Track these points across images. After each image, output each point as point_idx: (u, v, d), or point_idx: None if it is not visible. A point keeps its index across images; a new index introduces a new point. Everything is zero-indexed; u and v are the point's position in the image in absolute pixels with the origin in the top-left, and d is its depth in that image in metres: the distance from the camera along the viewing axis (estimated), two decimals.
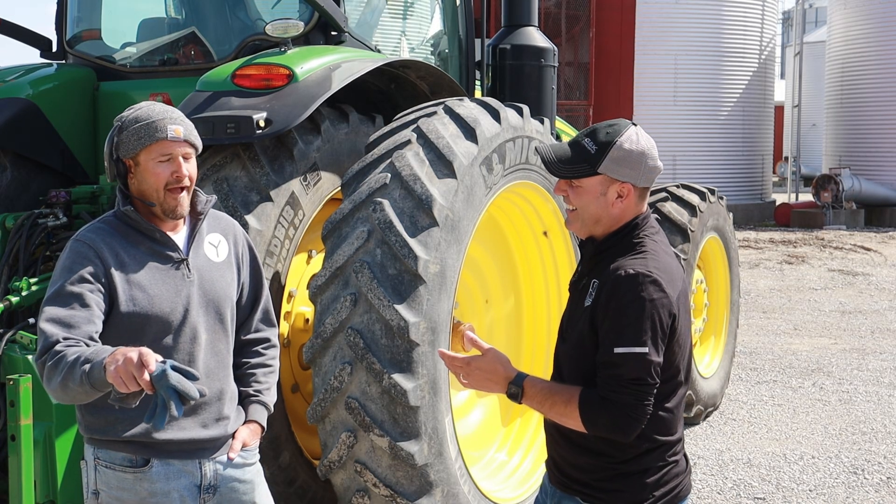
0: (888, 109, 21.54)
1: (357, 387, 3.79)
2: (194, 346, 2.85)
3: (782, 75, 36.76)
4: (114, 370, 2.36)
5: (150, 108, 2.87)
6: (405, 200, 3.87)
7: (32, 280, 4.24)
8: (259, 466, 3.07)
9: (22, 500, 3.57)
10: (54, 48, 5.35)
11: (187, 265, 2.88)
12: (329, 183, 4.29)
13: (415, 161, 3.94)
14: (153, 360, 2.34)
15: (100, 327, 2.70)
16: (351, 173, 4.04)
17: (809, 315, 11.22)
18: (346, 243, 3.85)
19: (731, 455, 6.27)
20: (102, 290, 2.74)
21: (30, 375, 3.65)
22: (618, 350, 2.57)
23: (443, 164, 4.00)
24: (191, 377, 2.36)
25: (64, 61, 5.33)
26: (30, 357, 3.75)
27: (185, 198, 2.87)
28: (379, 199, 3.86)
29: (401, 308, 3.75)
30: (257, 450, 3.07)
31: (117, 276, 2.77)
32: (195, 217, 2.95)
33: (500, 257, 5.09)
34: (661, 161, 2.79)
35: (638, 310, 2.58)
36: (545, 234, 5.01)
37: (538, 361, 5.15)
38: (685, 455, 2.83)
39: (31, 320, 4.14)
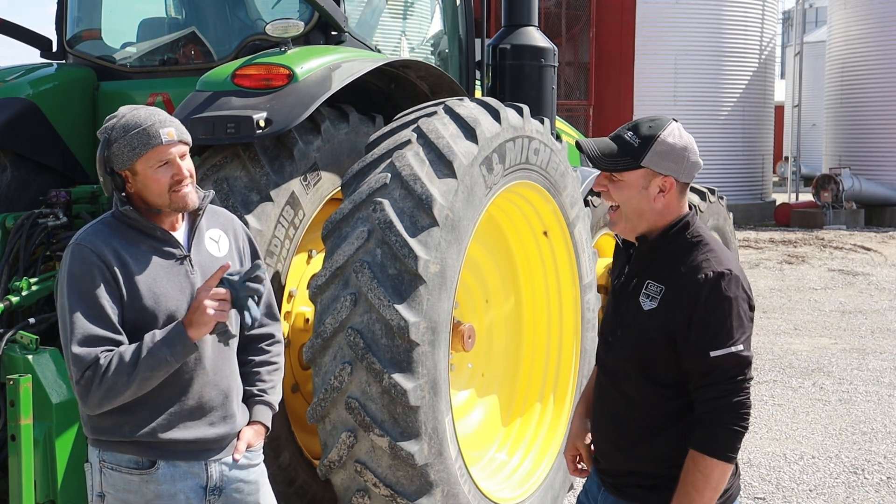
0: (888, 109, 21.53)
1: (357, 387, 3.79)
2: (201, 343, 2.84)
3: (782, 75, 36.75)
4: (207, 317, 2.66)
5: (134, 115, 2.83)
6: (405, 200, 3.87)
7: (32, 280, 4.23)
8: (263, 467, 3.07)
9: (22, 500, 3.57)
10: (54, 48, 5.35)
11: (190, 261, 2.88)
12: (329, 183, 4.29)
13: (415, 161, 3.94)
14: (214, 284, 2.70)
15: (123, 335, 2.74)
16: (351, 173, 4.04)
17: (809, 315, 11.22)
18: (346, 243, 3.85)
19: None
20: (114, 294, 2.75)
21: (30, 375, 3.65)
22: (714, 354, 2.58)
23: (443, 163, 4.00)
24: (252, 276, 2.73)
25: (64, 61, 5.33)
26: (30, 357, 3.75)
27: (191, 191, 2.86)
28: (379, 199, 3.86)
29: (401, 308, 3.75)
30: (261, 450, 3.07)
31: (122, 276, 2.76)
32: (194, 213, 2.95)
33: (500, 257, 5.08)
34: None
35: (727, 309, 2.60)
36: (545, 234, 5.01)
37: (538, 361, 5.15)
38: (735, 462, 2.82)
39: (32, 320, 4.14)
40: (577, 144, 2.81)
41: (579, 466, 3.07)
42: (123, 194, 2.85)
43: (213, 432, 2.89)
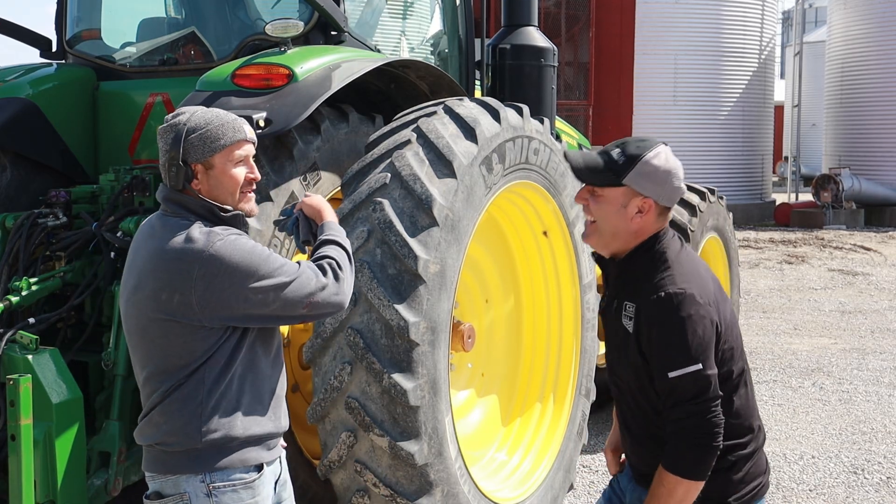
0: (888, 109, 21.53)
1: (357, 386, 3.79)
2: (279, 335, 2.92)
3: (782, 75, 36.77)
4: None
5: (210, 110, 2.78)
6: (405, 200, 3.87)
7: (32, 280, 4.23)
8: None
9: (22, 500, 3.57)
10: (54, 48, 5.35)
11: None
12: (329, 183, 4.29)
13: (415, 161, 3.94)
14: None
15: None
16: (351, 173, 4.05)
17: (809, 315, 11.22)
18: None
19: None
20: None
21: (29, 375, 3.64)
22: (672, 374, 2.62)
23: (443, 163, 4.00)
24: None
25: (64, 61, 5.33)
26: (30, 357, 3.74)
27: (254, 199, 2.85)
28: (379, 199, 3.86)
29: (401, 308, 3.75)
30: None
31: None
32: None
33: (500, 257, 5.08)
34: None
35: (682, 329, 2.62)
36: (545, 234, 5.01)
37: (538, 361, 5.15)
38: (765, 455, 2.89)
39: (32, 320, 4.14)
40: (564, 155, 2.84)
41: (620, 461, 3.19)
42: (190, 197, 2.75)
43: (286, 422, 2.89)
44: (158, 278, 2.67)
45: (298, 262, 2.78)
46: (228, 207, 2.76)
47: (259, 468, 2.77)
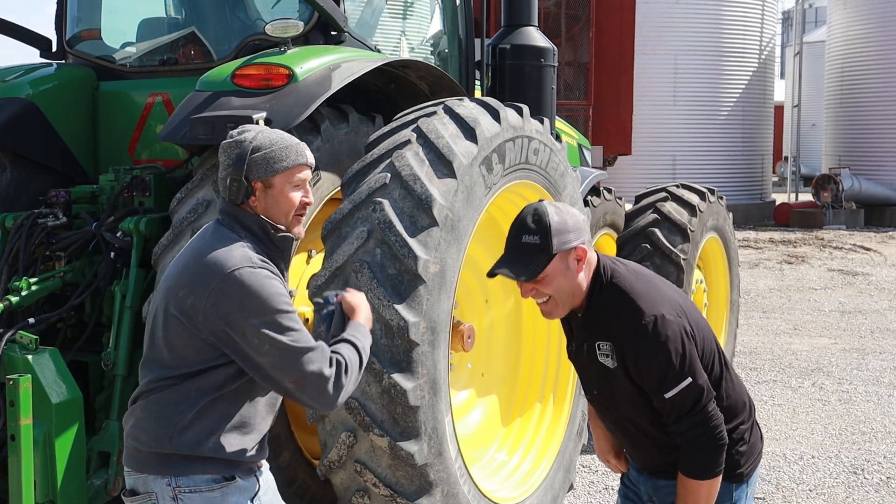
0: (888, 109, 21.53)
1: (357, 386, 3.78)
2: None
3: (782, 75, 36.75)
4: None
5: (276, 132, 2.82)
6: (405, 200, 3.87)
7: (32, 280, 4.23)
8: None
9: (22, 500, 3.57)
10: (54, 48, 5.35)
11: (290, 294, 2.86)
12: (329, 183, 4.29)
13: (415, 161, 3.94)
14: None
15: None
16: (351, 173, 4.04)
17: (809, 315, 11.22)
18: (345, 243, 3.85)
19: None
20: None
21: (29, 375, 3.64)
22: (668, 395, 2.81)
23: (442, 163, 4.00)
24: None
25: (64, 61, 5.33)
26: (29, 357, 3.74)
27: (303, 222, 2.87)
28: (379, 199, 3.86)
29: (400, 308, 3.75)
30: None
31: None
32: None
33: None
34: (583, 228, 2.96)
35: (666, 352, 2.79)
36: None
37: (538, 361, 5.15)
38: (757, 424, 3.11)
39: (31, 320, 4.14)
40: (491, 274, 2.92)
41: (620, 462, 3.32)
42: (246, 212, 2.78)
43: (265, 454, 2.88)
44: (184, 276, 2.72)
45: (318, 342, 2.72)
46: (282, 227, 2.80)
47: (230, 478, 2.74)
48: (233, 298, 2.62)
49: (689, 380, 2.80)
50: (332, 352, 2.73)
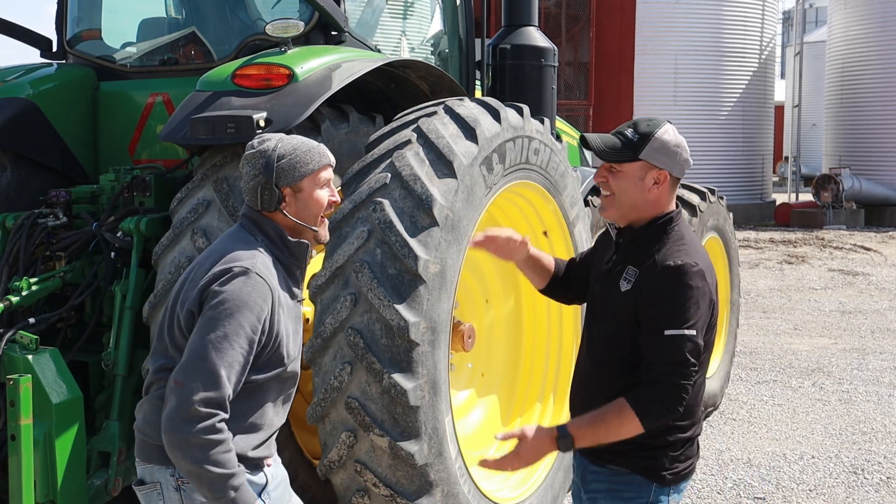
0: (888, 109, 21.53)
1: (357, 386, 3.79)
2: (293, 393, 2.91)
3: (782, 75, 36.75)
4: None
5: (294, 137, 2.85)
6: (405, 200, 3.87)
7: (32, 280, 4.23)
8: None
9: (22, 500, 3.57)
10: (54, 48, 5.35)
11: (300, 303, 2.87)
12: None
13: (415, 161, 3.94)
14: None
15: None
16: (351, 173, 4.05)
17: (809, 315, 11.22)
18: (346, 243, 3.85)
19: (731, 455, 6.27)
20: (263, 333, 2.68)
21: (29, 375, 3.65)
22: (668, 332, 2.78)
23: (443, 163, 4.00)
24: None
25: (64, 61, 5.33)
26: (30, 357, 3.75)
27: (328, 224, 2.92)
28: (379, 199, 3.86)
29: (401, 308, 3.75)
30: None
31: (276, 317, 2.71)
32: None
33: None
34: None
35: (686, 296, 2.80)
36: (545, 234, 5.01)
37: (538, 361, 5.15)
38: (698, 441, 3.07)
39: (32, 320, 4.14)
40: (582, 138, 3.02)
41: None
42: (268, 219, 2.81)
43: (273, 451, 2.92)
44: (193, 271, 2.78)
45: (233, 369, 2.60)
46: (297, 236, 2.82)
47: None
48: (216, 289, 2.65)
49: (695, 332, 2.77)
50: (222, 439, 2.57)
